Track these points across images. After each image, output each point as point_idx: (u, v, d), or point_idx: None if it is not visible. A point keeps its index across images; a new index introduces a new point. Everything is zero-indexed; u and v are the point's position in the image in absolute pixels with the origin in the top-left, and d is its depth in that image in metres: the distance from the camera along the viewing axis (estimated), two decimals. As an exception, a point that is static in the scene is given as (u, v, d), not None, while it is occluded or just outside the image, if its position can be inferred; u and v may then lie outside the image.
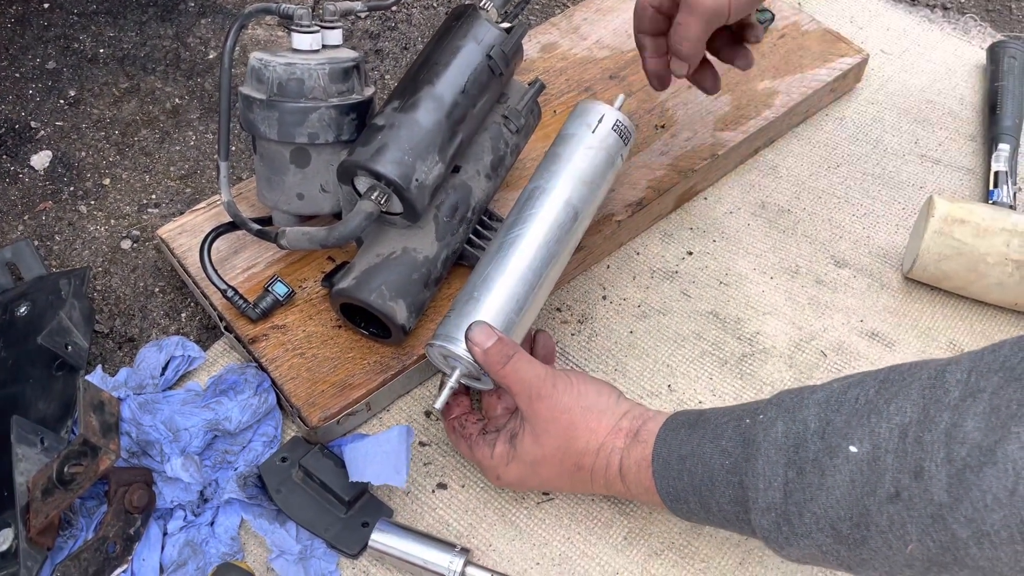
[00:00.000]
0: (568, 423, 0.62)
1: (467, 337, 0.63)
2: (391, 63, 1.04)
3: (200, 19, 1.07)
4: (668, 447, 0.59)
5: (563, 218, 0.69)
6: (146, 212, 0.89)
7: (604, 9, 1.02)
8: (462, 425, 0.68)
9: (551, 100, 0.92)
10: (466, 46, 0.71)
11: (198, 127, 0.97)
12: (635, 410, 0.63)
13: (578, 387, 0.63)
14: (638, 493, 0.61)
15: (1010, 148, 0.91)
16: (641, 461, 0.60)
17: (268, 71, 0.69)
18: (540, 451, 0.63)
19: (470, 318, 0.64)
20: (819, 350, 0.78)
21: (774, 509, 0.52)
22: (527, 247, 0.67)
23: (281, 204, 0.74)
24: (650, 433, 0.60)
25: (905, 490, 0.46)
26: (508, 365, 0.62)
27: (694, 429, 0.59)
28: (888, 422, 0.48)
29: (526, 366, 0.62)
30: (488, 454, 0.65)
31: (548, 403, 0.62)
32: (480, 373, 0.65)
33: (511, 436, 0.64)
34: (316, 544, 0.66)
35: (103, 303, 0.82)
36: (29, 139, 0.94)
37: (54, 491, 0.60)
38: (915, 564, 0.47)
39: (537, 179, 0.71)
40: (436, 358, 0.67)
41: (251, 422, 0.70)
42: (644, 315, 0.81)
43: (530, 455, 0.63)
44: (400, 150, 0.67)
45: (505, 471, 0.64)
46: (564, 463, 0.63)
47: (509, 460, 0.64)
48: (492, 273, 0.66)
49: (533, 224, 0.68)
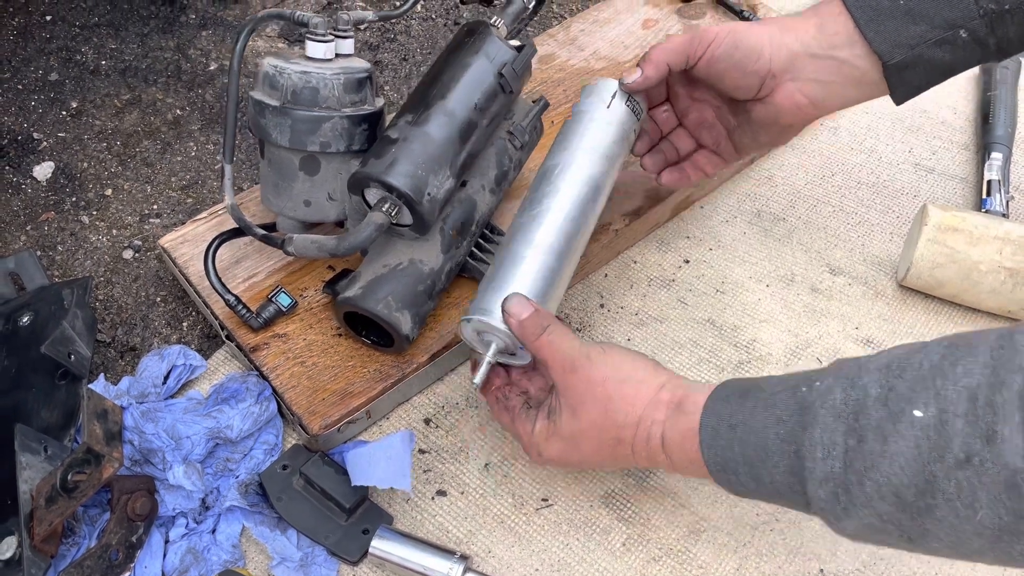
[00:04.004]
0: (604, 395, 0.60)
1: (503, 309, 0.62)
2: (390, 74, 1.05)
3: (201, 31, 1.08)
4: (717, 416, 0.57)
5: (586, 191, 0.69)
6: (148, 222, 0.90)
7: (601, 21, 1.03)
8: (505, 397, 0.66)
9: (549, 111, 0.93)
10: (478, 63, 0.72)
11: (199, 138, 0.97)
12: (673, 381, 0.61)
13: (613, 358, 0.61)
14: (683, 466, 0.59)
15: (1003, 157, 0.92)
16: (687, 432, 0.58)
17: (283, 78, 0.69)
18: (578, 425, 0.61)
19: (504, 292, 0.63)
20: (815, 357, 0.79)
21: (832, 479, 0.49)
22: (554, 220, 0.67)
23: (287, 210, 0.74)
24: (695, 404, 0.58)
25: (976, 455, 0.44)
26: (543, 336, 0.61)
27: (745, 398, 0.56)
28: (955, 384, 0.45)
29: (561, 338, 0.61)
30: (529, 429, 0.63)
31: (583, 375, 0.60)
32: (515, 348, 0.64)
33: (549, 412, 0.63)
34: (317, 551, 0.66)
35: (105, 312, 0.82)
36: (32, 150, 0.95)
37: (58, 499, 0.60)
38: (984, 533, 0.45)
39: (555, 156, 0.71)
40: (469, 335, 0.66)
41: (252, 430, 0.70)
42: (642, 323, 0.81)
43: (569, 430, 0.61)
44: (413, 164, 0.67)
45: (546, 447, 0.63)
46: (604, 437, 0.61)
47: (549, 435, 0.62)
48: (521, 248, 0.66)
49: (558, 198, 0.68)
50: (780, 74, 0.68)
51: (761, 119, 0.71)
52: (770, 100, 0.69)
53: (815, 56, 0.67)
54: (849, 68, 0.67)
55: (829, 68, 0.67)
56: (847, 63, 0.67)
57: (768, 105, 0.70)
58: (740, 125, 0.74)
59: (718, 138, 0.76)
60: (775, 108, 0.69)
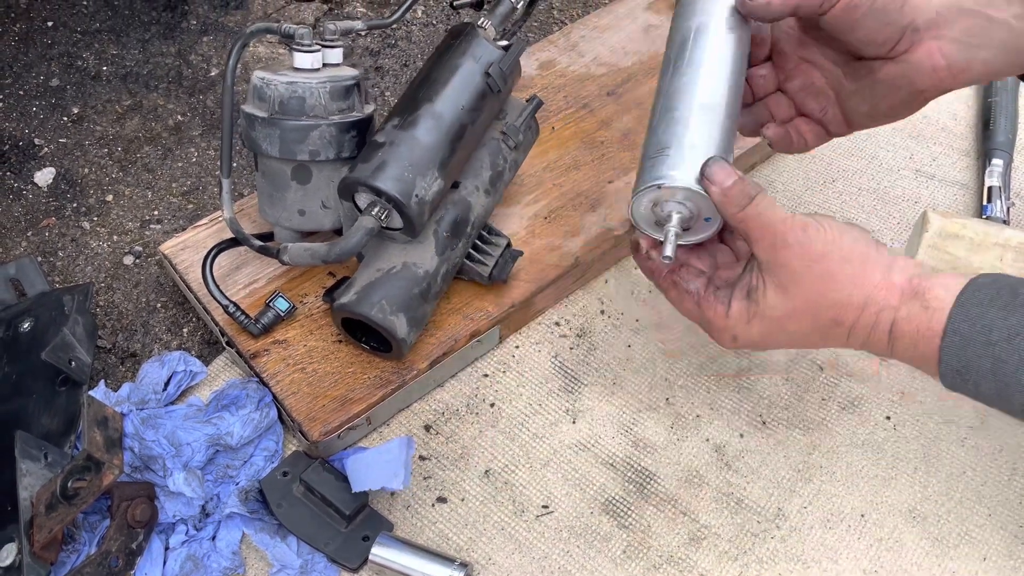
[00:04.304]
0: (823, 273, 0.54)
1: (704, 175, 0.56)
2: (391, 80, 1.06)
3: (202, 37, 1.09)
4: (970, 324, 0.51)
5: (736, 50, 0.63)
6: (148, 228, 0.90)
7: (601, 27, 1.03)
8: (685, 280, 0.60)
9: (549, 117, 0.93)
10: (464, 64, 0.72)
11: (200, 144, 0.98)
12: (901, 262, 0.56)
13: (831, 233, 0.55)
14: (905, 358, 0.55)
15: (1003, 163, 0.91)
16: (925, 331, 0.53)
17: (270, 89, 0.70)
18: (790, 304, 0.55)
19: (684, 158, 0.57)
20: (815, 364, 0.79)
21: None
22: (719, 78, 0.61)
23: (283, 220, 0.75)
24: (941, 301, 0.53)
25: None
26: (750, 207, 0.55)
27: (1010, 311, 0.51)
28: None
29: (771, 209, 0.55)
30: (722, 312, 0.58)
31: (797, 251, 0.55)
32: (695, 221, 0.59)
33: (748, 291, 0.57)
34: (317, 558, 0.66)
35: (106, 319, 0.82)
36: (33, 156, 0.95)
37: (58, 506, 0.60)
38: None
39: (689, 18, 0.64)
40: (641, 211, 0.60)
41: (252, 437, 0.70)
42: (642, 329, 0.81)
43: (777, 310, 0.56)
44: (400, 167, 0.68)
45: (745, 330, 0.57)
46: (819, 317, 0.56)
47: (750, 318, 0.57)
48: (688, 113, 0.60)
49: (712, 56, 0.62)
50: (923, 29, 0.60)
51: (889, 81, 0.63)
52: (905, 59, 0.61)
53: (965, 11, 0.59)
54: (1002, 30, 0.59)
55: (979, 28, 0.59)
56: (1002, 24, 0.59)
57: (901, 64, 0.61)
58: (859, 90, 0.65)
59: (825, 107, 0.67)
60: (909, 69, 0.61)
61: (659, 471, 0.72)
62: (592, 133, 0.92)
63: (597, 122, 0.93)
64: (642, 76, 0.98)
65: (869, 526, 0.69)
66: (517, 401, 0.76)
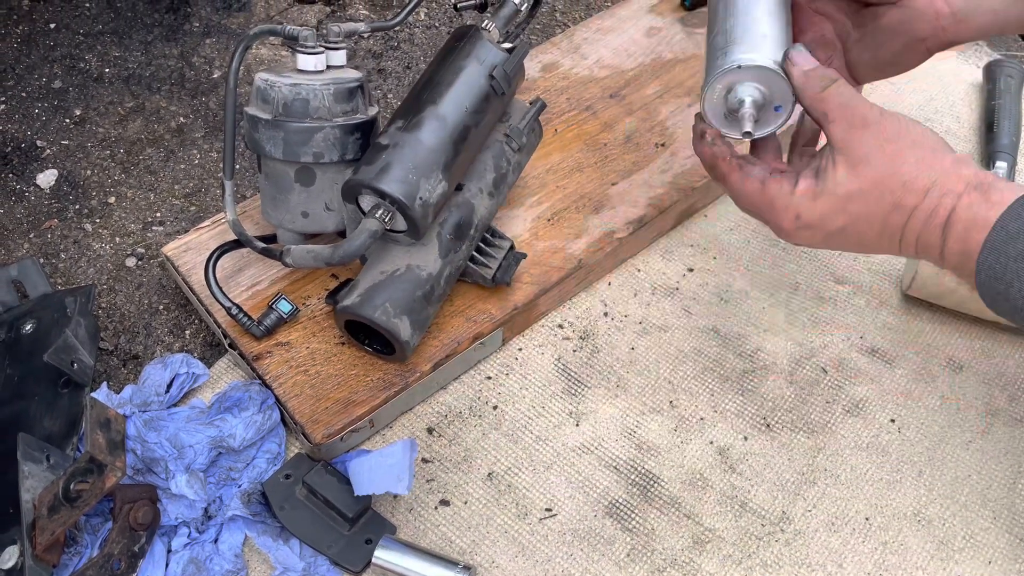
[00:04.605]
0: (895, 152, 0.55)
1: (787, 57, 0.58)
2: (394, 82, 1.05)
3: (205, 39, 1.09)
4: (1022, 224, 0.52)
5: None
6: (151, 230, 0.90)
7: (604, 29, 1.03)
8: (748, 162, 0.61)
9: (552, 119, 0.93)
10: (468, 66, 0.72)
11: (202, 146, 0.98)
12: (967, 158, 0.56)
13: (904, 121, 0.56)
14: (949, 256, 0.55)
15: (1007, 166, 0.91)
16: (981, 220, 0.53)
17: (273, 91, 0.70)
18: (857, 183, 0.56)
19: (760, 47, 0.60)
20: (819, 367, 0.79)
21: None
22: None
23: (286, 222, 0.74)
24: (1003, 196, 0.53)
25: None
26: (832, 88, 0.57)
27: None
28: None
29: (849, 91, 0.57)
30: (788, 189, 0.58)
31: (873, 131, 0.56)
32: (763, 112, 0.61)
33: (816, 171, 0.58)
34: (319, 561, 0.66)
35: (108, 320, 0.82)
36: (35, 158, 0.95)
37: (60, 508, 0.60)
38: None
39: None
40: (714, 99, 0.62)
41: (255, 439, 0.70)
42: (645, 331, 0.81)
43: (844, 187, 0.56)
44: (404, 169, 0.67)
45: (808, 208, 0.58)
46: (883, 199, 0.56)
47: (817, 195, 0.57)
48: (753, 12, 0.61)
49: None
50: None
51: (891, 27, 0.64)
52: (908, 2, 0.63)
53: None
54: None
55: None
56: None
57: (903, 9, 0.63)
58: (862, 38, 0.67)
59: (831, 57, 0.68)
60: (910, 14, 0.63)
61: (663, 474, 0.72)
62: (595, 135, 0.92)
63: (600, 124, 0.93)
64: (645, 79, 0.97)
65: (874, 529, 0.69)
66: (520, 404, 0.76)
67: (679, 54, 1.00)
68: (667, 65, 0.99)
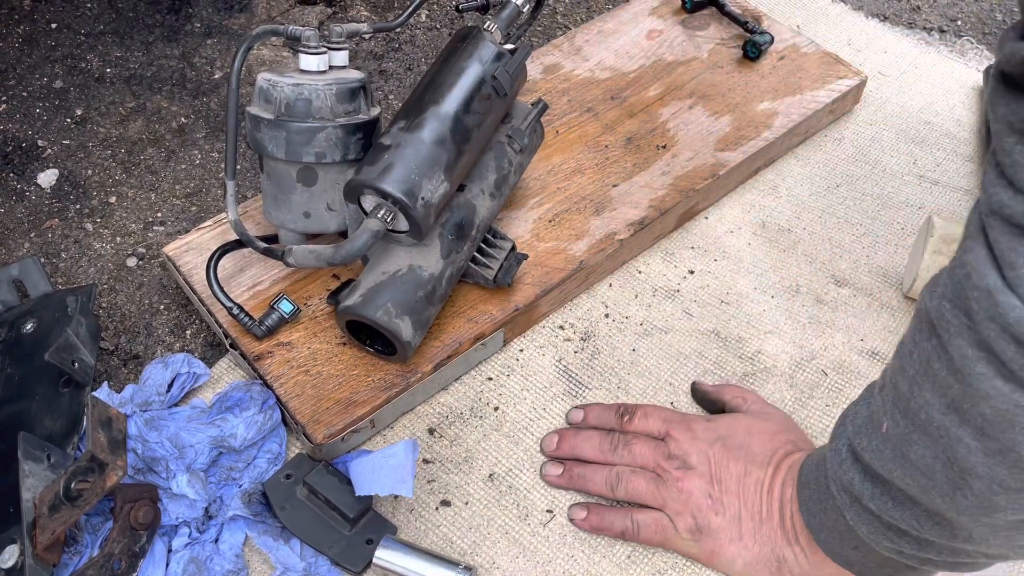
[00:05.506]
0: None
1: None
2: (395, 83, 1.06)
3: (206, 39, 1.09)
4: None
5: None
6: (152, 230, 0.89)
7: (606, 31, 1.03)
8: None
9: (554, 120, 0.93)
10: (471, 67, 0.72)
11: (204, 146, 0.98)
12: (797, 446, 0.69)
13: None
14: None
15: (1007, 169, 0.91)
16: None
17: (276, 91, 0.70)
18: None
19: None
20: (820, 369, 0.79)
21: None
22: None
23: (288, 222, 0.75)
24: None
25: None
26: None
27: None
28: None
29: None
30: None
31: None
32: None
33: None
34: (320, 561, 0.66)
35: (109, 320, 0.82)
36: (36, 157, 0.95)
37: (61, 507, 0.60)
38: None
39: None
40: None
41: (256, 439, 0.70)
42: (646, 333, 0.81)
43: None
44: (406, 169, 0.67)
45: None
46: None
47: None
48: None
49: None
50: None
51: None
52: None
53: None
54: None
55: None
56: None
57: None
58: None
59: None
60: None
61: (664, 475, 0.72)
62: (596, 137, 0.92)
63: (601, 126, 0.93)
64: (646, 81, 0.98)
65: (874, 531, 0.69)
66: (521, 405, 0.76)
67: (680, 56, 1.01)
68: (668, 67, 0.99)
